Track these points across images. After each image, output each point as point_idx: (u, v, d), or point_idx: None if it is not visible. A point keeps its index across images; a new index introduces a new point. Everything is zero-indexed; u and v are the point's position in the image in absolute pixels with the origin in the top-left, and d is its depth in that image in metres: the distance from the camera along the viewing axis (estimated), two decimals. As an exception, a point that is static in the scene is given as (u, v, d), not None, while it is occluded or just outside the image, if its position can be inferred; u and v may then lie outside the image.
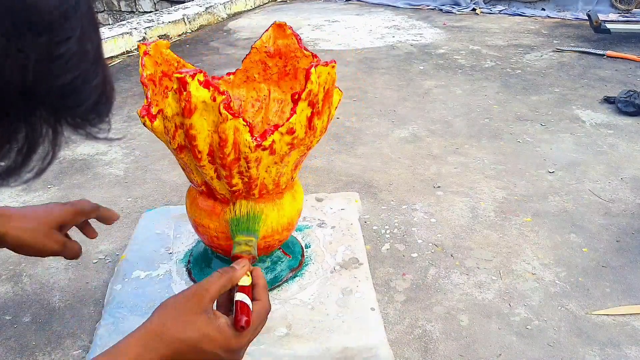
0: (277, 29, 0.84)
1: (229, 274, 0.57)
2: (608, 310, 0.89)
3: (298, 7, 3.49)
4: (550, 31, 2.72)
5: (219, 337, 0.52)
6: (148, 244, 0.97)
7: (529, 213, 1.17)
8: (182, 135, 0.68)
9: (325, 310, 0.79)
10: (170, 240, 0.98)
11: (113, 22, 4.57)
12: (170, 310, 0.53)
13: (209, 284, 0.55)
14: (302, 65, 0.84)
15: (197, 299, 0.53)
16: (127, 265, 0.91)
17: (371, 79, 2.07)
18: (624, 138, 1.52)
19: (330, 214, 1.02)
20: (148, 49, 0.78)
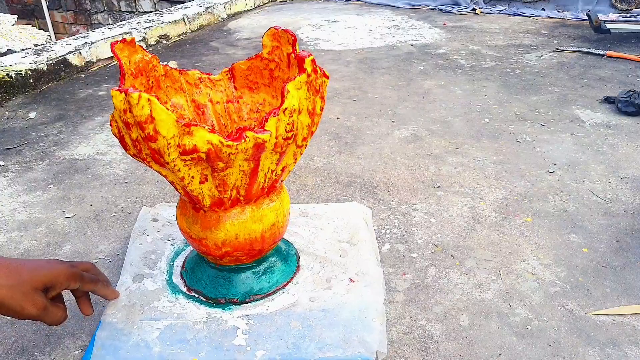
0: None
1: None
2: (608, 310, 0.89)
3: (298, 7, 3.49)
4: (550, 31, 2.72)
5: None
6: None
7: (529, 213, 1.17)
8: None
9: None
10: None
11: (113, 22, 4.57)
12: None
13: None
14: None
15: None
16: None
17: (371, 79, 2.07)
18: (624, 138, 1.52)
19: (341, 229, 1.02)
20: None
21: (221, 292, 0.86)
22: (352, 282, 0.89)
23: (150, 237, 1.02)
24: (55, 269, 0.64)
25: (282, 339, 0.78)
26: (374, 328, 0.79)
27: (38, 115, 1.81)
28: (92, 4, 4.67)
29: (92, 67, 2.31)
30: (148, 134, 0.64)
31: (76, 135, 1.64)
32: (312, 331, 0.79)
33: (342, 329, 0.79)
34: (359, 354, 0.75)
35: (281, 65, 0.85)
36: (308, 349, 0.76)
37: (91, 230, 1.14)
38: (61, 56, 2.18)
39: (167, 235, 1.04)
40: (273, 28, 0.82)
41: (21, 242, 1.11)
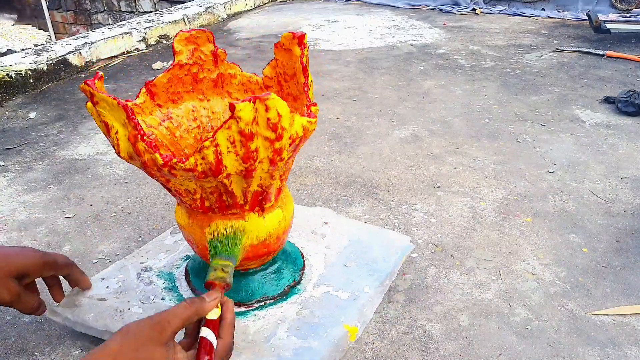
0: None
1: (196, 305, 0.54)
2: (608, 310, 0.89)
3: (298, 7, 3.49)
4: (550, 31, 2.72)
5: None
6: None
7: (529, 213, 1.17)
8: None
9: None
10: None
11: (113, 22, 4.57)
12: (130, 338, 0.50)
13: (173, 316, 0.52)
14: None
15: (158, 329, 0.51)
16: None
17: (371, 79, 2.07)
18: (624, 138, 1.52)
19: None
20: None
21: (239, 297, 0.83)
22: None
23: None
24: (29, 257, 0.66)
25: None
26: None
27: (38, 115, 1.81)
28: (92, 4, 4.67)
29: (92, 67, 2.31)
30: (279, 134, 0.65)
31: (76, 135, 1.64)
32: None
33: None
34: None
35: (205, 65, 0.84)
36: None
37: (91, 230, 1.15)
38: (61, 56, 2.18)
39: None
40: (182, 32, 0.81)
41: (21, 242, 1.11)
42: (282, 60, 0.83)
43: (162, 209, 1.22)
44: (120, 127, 0.66)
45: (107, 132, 0.68)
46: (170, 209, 1.22)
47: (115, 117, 0.66)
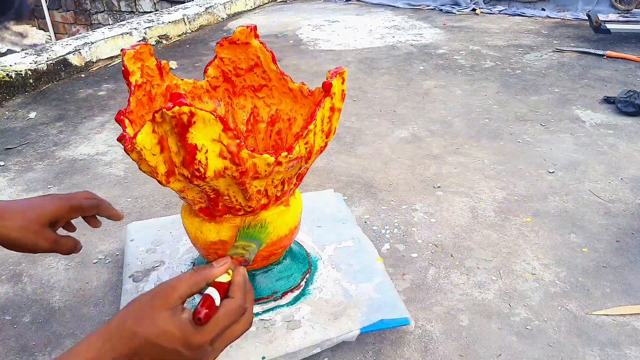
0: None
1: (204, 271, 0.53)
2: (608, 310, 0.89)
3: (298, 7, 3.49)
4: (550, 31, 2.72)
5: (178, 333, 0.49)
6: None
7: (529, 213, 1.17)
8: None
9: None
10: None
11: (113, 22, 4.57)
12: (134, 307, 0.50)
13: (178, 281, 0.52)
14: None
15: (163, 295, 0.50)
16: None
17: (371, 79, 2.07)
18: (624, 138, 1.52)
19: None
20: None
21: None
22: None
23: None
24: (56, 205, 0.69)
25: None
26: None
27: (38, 115, 1.81)
28: (92, 4, 4.67)
29: (92, 67, 2.31)
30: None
31: (76, 135, 1.64)
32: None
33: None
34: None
35: (154, 81, 0.79)
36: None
37: (91, 230, 1.14)
38: (61, 56, 2.18)
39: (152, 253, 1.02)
40: (127, 50, 0.73)
41: (21, 242, 1.11)
42: (231, 57, 0.84)
43: (162, 209, 1.22)
44: (211, 143, 0.61)
45: (190, 160, 0.62)
46: (170, 209, 1.22)
47: (207, 134, 0.61)
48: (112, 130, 1.67)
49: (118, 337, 0.49)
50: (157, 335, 0.49)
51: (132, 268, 0.95)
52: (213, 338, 0.51)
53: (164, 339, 0.49)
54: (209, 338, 0.50)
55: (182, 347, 0.49)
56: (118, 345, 0.49)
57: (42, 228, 0.67)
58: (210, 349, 0.51)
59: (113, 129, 1.68)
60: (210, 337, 0.50)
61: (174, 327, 0.49)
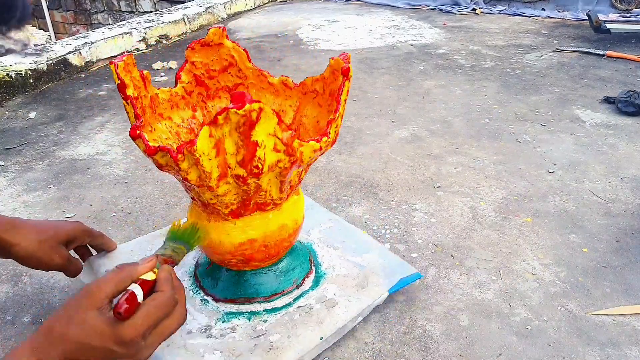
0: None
1: (128, 268, 0.53)
2: (608, 310, 0.89)
3: (298, 7, 3.49)
4: (550, 31, 2.72)
5: (107, 330, 0.48)
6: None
7: (529, 213, 1.17)
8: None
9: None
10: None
11: (113, 22, 4.57)
12: (61, 311, 0.50)
13: (104, 281, 0.51)
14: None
15: (89, 295, 0.50)
16: None
17: (371, 79, 2.07)
18: (624, 138, 1.52)
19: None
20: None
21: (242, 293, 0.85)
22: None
23: None
24: (71, 226, 0.74)
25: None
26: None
27: (38, 115, 1.81)
28: (92, 4, 4.67)
29: (92, 67, 2.31)
30: None
31: (76, 135, 1.64)
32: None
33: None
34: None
35: (141, 92, 0.77)
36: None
37: (91, 230, 1.14)
38: (61, 56, 2.18)
39: None
40: (116, 62, 0.70)
41: (21, 242, 1.11)
42: (202, 59, 0.85)
43: (162, 209, 1.22)
44: (267, 138, 0.63)
45: (249, 158, 0.62)
46: (170, 209, 1.22)
47: (265, 129, 0.62)
48: (112, 130, 1.67)
49: (47, 344, 0.48)
50: (86, 335, 0.48)
51: None
52: (144, 332, 0.50)
53: (94, 338, 0.48)
54: (140, 332, 0.49)
55: (114, 344, 0.48)
56: (47, 351, 0.48)
57: (57, 245, 0.71)
58: (144, 343, 0.50)
59: (113, 129, 1.68)
60: (141, 330, 0.49)
61: (103, 324, 0.48)
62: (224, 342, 0.75)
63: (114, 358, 0.49)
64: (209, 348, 0.74)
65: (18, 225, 0.69)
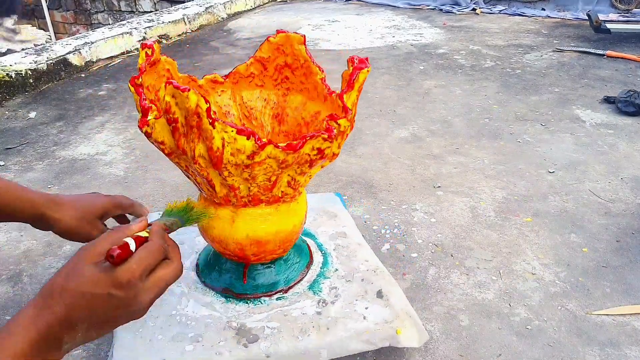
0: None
1: (122, 228, 0.55)
2: (608, 310, 0.89)
3: (298, 7, 3.49)
4: (550, 31, 2.72)
5: (104, 276, 0.50)
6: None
7: (529, 213, 1.17)
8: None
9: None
10: None
11: (113, 22, 4.57)
12: (61, 270, 0.52)
13: (98, 240, 0.54)
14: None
15: (85, 253, 0.52)
16: None
17: (371, 78, 2.07)
18: (624, 138, 1.52)
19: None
20: (273, 37, 0.85)
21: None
22: None
23: None
24: (104, 200, 0.78)
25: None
26: None
27: (38, 115, 1.81)
28: (92, 4, 4.67)
29: (92, 67, 2.31)
30: None
31: (76, 135, 1.64)
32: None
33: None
34: None
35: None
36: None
37: (91, 230, 1.14)
38: (61, 56, 2.18)
39: None
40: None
41: (21, 242, 1.11)
42: (150, 82, 0.84)
43: (162, 209, 1.22)
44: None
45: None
46: (170, 209, 1.22)
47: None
48: (112, 130, 1.67)
49: (49, 300, 0.50)
50: (86, 284, 0.50)
51: None
52: (140, 274, 0.51)
53: (93, 286, 0.50)
54: (136, 274, 0.51)
55: (112, 287, 0.50)
56: (51, 306, 0.50)
57: (95, 219, 0.76)
58: (141, 285, 0.52)
59: (113, 129, 1.68)
60: (136, 272, 0.51)
61: (100, 272, 0.50)
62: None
63: (116, 304, 0.51)
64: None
65: (59, 202, 0.74)
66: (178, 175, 1.35)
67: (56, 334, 0.50)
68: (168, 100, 0.66)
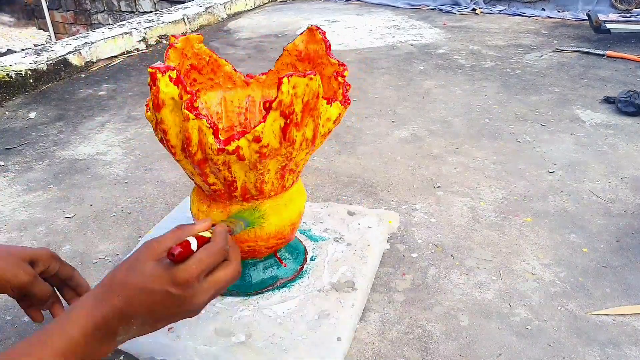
0: (309, 33, 0.85)
1: (187, 227, 0.56)
2: (608, 310, 0.89)
3: (298, 7, 3.49)
4: (550, 31, 2.72)
5: (164, 274, 0.51)
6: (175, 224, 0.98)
7: (529, 213, 1.17)
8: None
9: (292, 328, 0.77)
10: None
11: (113, 22, 4.57)
12: (123, 263, 0.53)
13: (163, 237, 0.54)
14: (327, 73, 0.85)
15: (148, 249, 0.53)
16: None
17: (371, 79, 2.07)
18: (624, 138, 1.52)
19: (354, 230, 0.99)
20: (176, 42, 0.79)
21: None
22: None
23: None
24: (39, 249, 0.70)
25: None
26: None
27: (38, 115, 1.81)
28: (92, 4, 4.67)
29: (92, 67, 2.31)
30: None
31: (76, 135, 1.64)
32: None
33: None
34: None
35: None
36: None
37: (91, 231, 1.15)
38: (61, 56, 2.19)
39: None
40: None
41: (21, 242, 1.11)
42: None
43: (162, 209, 1.22)
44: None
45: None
46: (171, 209, 1.22)
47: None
48: (112, 130, 1.67)
49: (109, 291, 0.51)
50: (145, 281, 0.51)
51: None
52: (198, 275, 0.52)
53: (152, 283, 0.51)
54: (194, 274, 0.52)
55: (170, 285, 0.51)
56: (109, 298, 0.50)
57: (23, 262, 0.66)
58: (198, 286, 0.53)
59: (113, 129, 1.68)
60: (194, 273, 0.52)
61: (160, 269, 0.51)
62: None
63: (173, 302, 0.52)
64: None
65: None
66: (178, 175, 1.35)
67: (112, 326, 0.51)
68: (291, 92, 0.66)
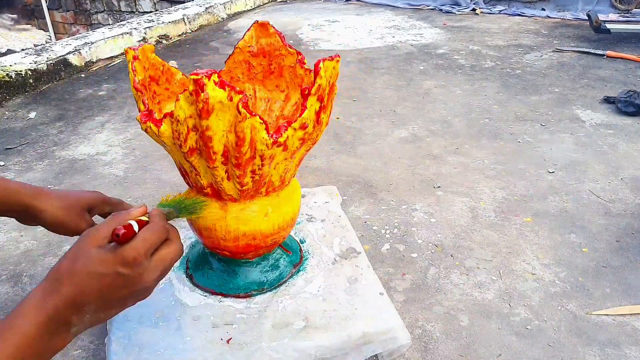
0: (260, 28, 0.84)
1: (123, 213, 0.56)
2: (608, 310, 0.89)
3: (298, 7, 3.49)
4: (550, 31, 2.72)
5: (110, 256, 0.51)
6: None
7: (529, 213, 1.17)
8: (194, 137, 0.67)
9: (337, 300, 0.81)
10: None
11: (113, 22, 4.57)
12: (66, 255, 0.53)
13: (101, 225, 0.54)
14: (287, 63, 0.85)
15: (89, 237, 0.53)
16: None
17: (371, 79, 2.07)
18: (624, 138, 1.52)
19: (316, 208, 1.03)
20: (136, 53, 0.77)
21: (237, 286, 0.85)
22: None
23: None
24: (91, 195, 0.78)
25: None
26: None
27: (38, 115, 1.81)
28: (92, 4, 4.67)
29: (92, 67, 2.31)
30: None
31: (76, 135, 1.64)
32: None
33: None
34: None
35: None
36: None
37: (91, 230, 1.14)
38: (61, 56, 2.18)
39: None
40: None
41: (21, 242, 1.11)
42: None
43: (162, 209, 1.22)
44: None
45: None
46: (170, 209, 1.22)
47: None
48: (112, 130, 1.67)
49: (57, 282, 0.50)
50: (93, 266, 0.51)
51: None
52: (145, 252, 0.52)
53: (100, 266, 0.51)
54: (142, 252, 0.52)
55: (119, 265, 0.51)
56: (58, 289, 0.50)
57: (82, 211, 0.75)
58: (147, 263, 0.53)
59: (113, 129, 1.68)
60: (142, 250, 0.52)
61: (106, 253, 0.51)
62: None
63: (123, 282, 0.52)
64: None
65: (44, 193, 0.73)
66: (178, 175, 1.35)
67: (65, 316, 0.50)
68: (327, 77, 0.69)
